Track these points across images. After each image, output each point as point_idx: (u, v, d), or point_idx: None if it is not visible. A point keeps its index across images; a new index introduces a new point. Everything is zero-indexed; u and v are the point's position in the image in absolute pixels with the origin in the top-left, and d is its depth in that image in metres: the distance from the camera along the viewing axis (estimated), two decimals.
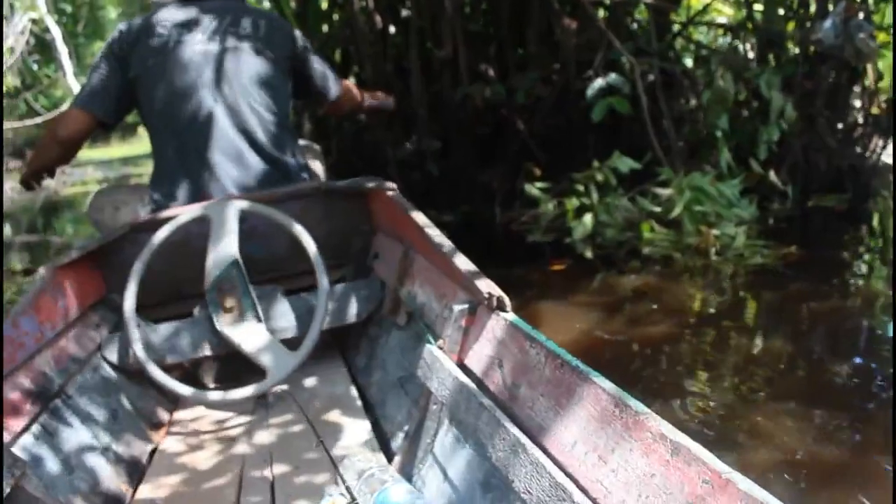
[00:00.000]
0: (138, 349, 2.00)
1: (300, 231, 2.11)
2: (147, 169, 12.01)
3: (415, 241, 2.04)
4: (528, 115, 5.59)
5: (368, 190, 2.37)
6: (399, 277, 2.10)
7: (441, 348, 1.57)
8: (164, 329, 2.19)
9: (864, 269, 3.91)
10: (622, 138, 5.35)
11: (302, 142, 2.98)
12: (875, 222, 5.03)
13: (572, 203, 4.55)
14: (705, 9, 6.98)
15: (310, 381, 2.18)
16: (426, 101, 5.68)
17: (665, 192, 4.39)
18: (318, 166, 2.92)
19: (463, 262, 1.66)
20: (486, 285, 1.51)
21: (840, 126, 5.59)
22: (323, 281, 2.07)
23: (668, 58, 6.02)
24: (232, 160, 2.41)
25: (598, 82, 4.85)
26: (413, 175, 5.68)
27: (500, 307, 1.47)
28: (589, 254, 4.10)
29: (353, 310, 2.26)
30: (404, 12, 6.09)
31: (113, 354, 2.11)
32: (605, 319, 3.02)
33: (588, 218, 4.27)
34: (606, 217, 4.38)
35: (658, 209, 4.20)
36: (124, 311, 2.02)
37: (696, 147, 5.33)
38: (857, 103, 5.78)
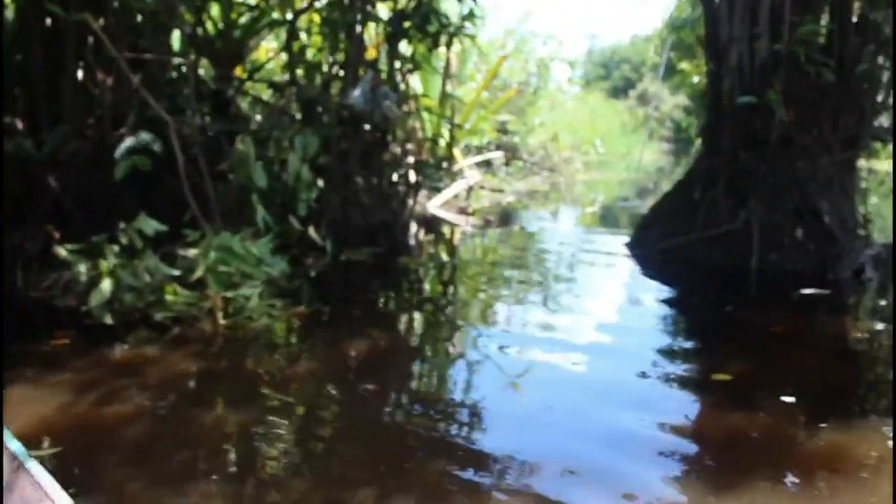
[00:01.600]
0: None
1: None
2: None
3: None
4: (63, 172, 5.26)
5: None
6: None
7: None
8: None
9: (378, 318, 4.22)
10: (163, 196, 5.25)
11: None
12: (411, 272, 5.50)
13: (105, 266, 4.34)
14: (261, 67, 7.20)
15: None
16: None
17: (193, 252, 4.37)
18: None
19: None
20: None
21: (375, 184, 6.04)
22: None
23: (228, 113, 6.08)
24: None
25: (128, 141, 4.71)
26: None
27: None
28: (109, 320, 3.91)
29: None
30: None
31: None
32: (94, 395, 2.87)
33: (106, 283, 4.08)
34: (133, 280, 4.24)
35: (177, 272, 4.15)
36: None
37: (241, 205, 5.39)
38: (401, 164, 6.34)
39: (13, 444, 1.31)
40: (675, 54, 12.82)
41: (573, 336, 3.75)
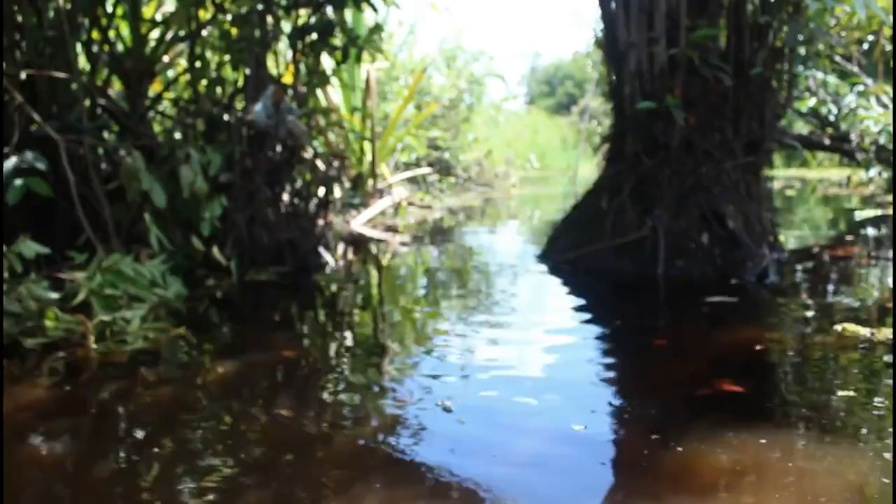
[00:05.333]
0: None
1: None
2: None
3: None
4: None
5: None
6: None
7: None
8: None
9: (284, 338, 4.01)
10: (59, 218, 5.07)
11: None
12: (325, 290, 5.35)
13: None
14: (170, 84, 7.03)
15: None
16: None
17: (78, 275, 4.19)
18: None
19: None
20: None
21: (285, 201, 5.90)
22: None
23: (138, 133, 5.88)
24: None
25: (12, 161, 4.52)
26: None
27: None
28: None
29: None
30: None
31: None
32: None
33: None
34: (16, 307, 4.04)
35: (55, 295, 3.97)
36: None
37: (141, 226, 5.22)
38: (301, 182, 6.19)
39: None
40: (603, 68, 12.89)
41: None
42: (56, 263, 4.50)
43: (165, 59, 7.04)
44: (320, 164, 6.23)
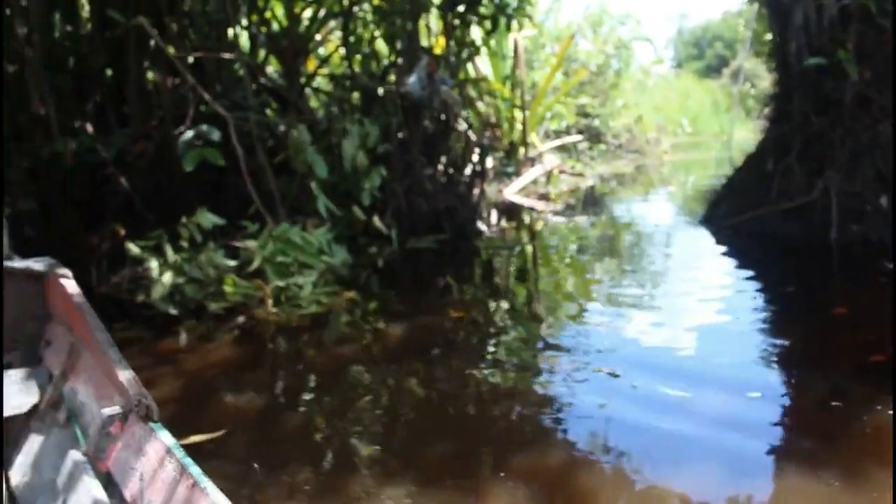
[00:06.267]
0: None
1: None
2: None
3: (83, 334, 1.88)
4: (133, 173, 5.39)
5: (41, 273, 2.14)
6: (64, 372, 1.93)
7: (87, 455, 1.51)
8: None
9: (446, 304, 4.09)
10: (229, 190, 5.32)
11: None
12: (483, 258, 5.41)
13: (169, 259, 4.43)
14: (326, 60, 7.23)
15: None
16: (21, 161, 5.28)
17: (251, 244, 4.40)
18: None
19: (121, 364, 1.57)
20: (139, 390, 1.46)
21: (441, 171, 5.97)
22: None
23: (299, 108, 6.11)
24: None
25: (188, 134, 4.79)
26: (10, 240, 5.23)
27: (148, 416, 1.43)
28: (172, 311, 3.97)
29: (13, 401, 1.98)
30: None
31: None
32: None
33: (167, 276, 4.15)
34: (196, 273, 4.30)
35: (235, 263, 4.19)
36: None
37: (306, 197, 5.42)
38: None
39: (187, 461, 1.26)
40: (759, 26, 12.26)
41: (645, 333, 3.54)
42: (228, 233, 4.75)
43: (318, 37, 7.26)
44: (472, 135, 6.26)
